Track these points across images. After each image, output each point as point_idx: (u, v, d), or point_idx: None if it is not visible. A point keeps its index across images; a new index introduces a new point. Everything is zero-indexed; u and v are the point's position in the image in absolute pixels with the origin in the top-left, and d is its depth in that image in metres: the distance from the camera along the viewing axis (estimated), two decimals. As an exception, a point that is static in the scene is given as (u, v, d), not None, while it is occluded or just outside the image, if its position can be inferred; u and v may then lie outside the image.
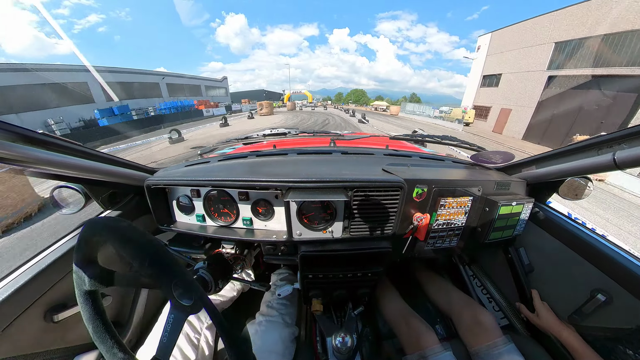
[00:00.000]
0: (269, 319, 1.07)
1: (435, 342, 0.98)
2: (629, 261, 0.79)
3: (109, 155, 0.83)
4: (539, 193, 1.08)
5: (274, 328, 1.03)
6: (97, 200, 0.90)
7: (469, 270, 1.56)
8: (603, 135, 0.74)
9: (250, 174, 0.93)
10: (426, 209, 0.96)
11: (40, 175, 0.67)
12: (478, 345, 0.96)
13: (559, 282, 1.02)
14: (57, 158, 0.64)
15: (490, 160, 1.17)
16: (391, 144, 1.56)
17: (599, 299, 0.84)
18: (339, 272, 0.99)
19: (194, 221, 1.04)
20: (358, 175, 0.86)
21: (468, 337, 1.02)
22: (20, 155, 0.55)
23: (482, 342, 0.95)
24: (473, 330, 1.01)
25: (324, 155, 1.17)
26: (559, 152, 0.92)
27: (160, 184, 0.95)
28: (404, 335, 1.07)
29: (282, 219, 0.95)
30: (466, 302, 1.15)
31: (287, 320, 1.10)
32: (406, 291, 1.37)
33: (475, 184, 0.99)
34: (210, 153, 1.52)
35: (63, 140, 0.67)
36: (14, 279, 0.69)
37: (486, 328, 0.98)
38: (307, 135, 1.75)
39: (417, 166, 1.08)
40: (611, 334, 0.84)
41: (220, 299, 1.25)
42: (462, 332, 1.06)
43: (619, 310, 0.82)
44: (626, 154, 0.66)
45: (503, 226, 1.01)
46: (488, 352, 0.92)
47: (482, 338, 0.96)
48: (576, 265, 0.92)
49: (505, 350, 0.91)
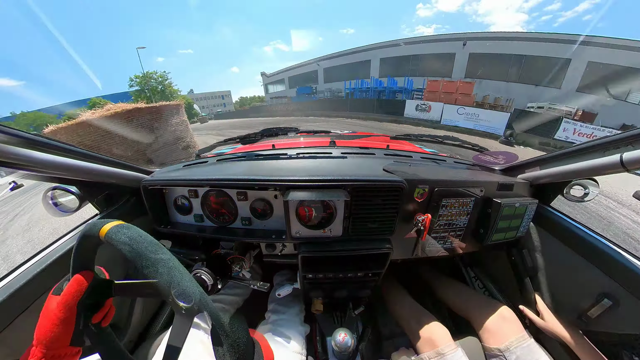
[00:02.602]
0: (282, 317, 1.07)
1: (450, 339, 0.96)
2: (636, 265, 0.77)
3: (104, 156, 0.82)
4: (543, 194, 1.06)
5: (289, 326, 1.02)
6: (92, 201, 0.89)
7: (471, 271, 1.54)
8: (609, 136, 0.73)
9: (248, 173, 0.92)
10: (427, 210, 0.94)
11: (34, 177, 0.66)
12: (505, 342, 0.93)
13: (563, 286, 1.00)
14: (51, 159, 0.63)
15: (492, 161, 1.15)
16: (392, 144, 1.55)
17: (605, 303, 0.82)
18: (339, 273, 0.98)
19: (191, 221, 1.03)
20: (358, 175, 0.85)
21: (491, 337, 0.99)
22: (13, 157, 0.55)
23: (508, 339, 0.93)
24: (499, 330, 0.98)
25: (324, 155, 1.15)
26: (564, 153, 0.90)
27: (157, 185, 0.94)
28: (416, 334, 1.05)
29: (281, 219, 0.94)
30: (488, 303, 1.13)
31: (300, 318, 1.11)
32: (412, 290, 1.36)
33: (477, 184, 0.97)
34: (208, 153, 1.51)
35: (57, 141, 0.67)
36: (14, 278, 0.68)
37: (512, 326, 0.97)
38: (307, 135, 1.73)
39: (418, 166, 1.07)
40: (617, 339, 0.82)
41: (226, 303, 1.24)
42: (485, 332, 1.03)
43: (625, 315, 0.80)
44: (633, 154, 0.64)
45: (506, 227, 1.00)
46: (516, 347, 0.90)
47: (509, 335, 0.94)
48: (581, 269, 0.91)
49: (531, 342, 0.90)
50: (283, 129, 1.51)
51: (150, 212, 0.98)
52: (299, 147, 1.35)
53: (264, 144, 1.61)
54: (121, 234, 0.45)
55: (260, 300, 1.26)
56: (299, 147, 1.35)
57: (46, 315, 0.46)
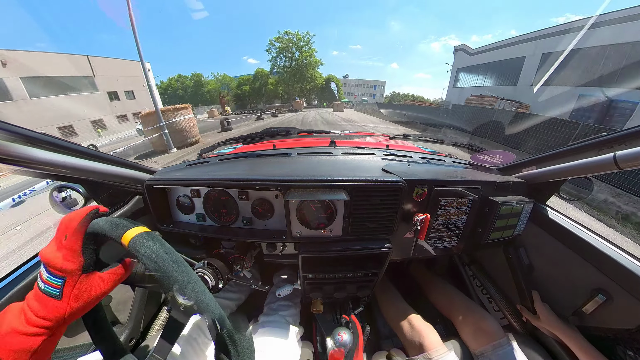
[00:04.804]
0: (271, 320, 1.07)
1: (439, 342, 0.98)
2: (629, 261, 0.79)
3: (108, 155, 0.84)
4: (539, 193, 1.08)
5: (276, 331, 1.02)
6: (97, 200, 0.90)
7: (469, 270, 1.56)
8: (604, 135, 0.74)
9: (250, 173, 0.93)
10: (426, 209, 0.96)
11: (40, 175, 0.67)
12: (480, 347, 0.96)
13: (559, 283, 1.02)
14: (57, 158, 0.64)
15: (490, 161, 1.17)
16: (391, 144, 1.56)
17: (599, 299, 0.84)
18: (339, 273, 0.99)
19: (193, 221, 1.04)
20: (358, 175, 0.86)
21: (470, 341, 1.02)
22: (20, 155, 0.55)
23: (485, 344, 0.96)
24: (477, 335, 1.01)
25: (324, 155, 1.16)
26: (559, 152, 0.92)
27: (160, 184, 0.95)
28: (407, 337, 1.07)
29: (281, 218, 0.95)
30: (468, 306, 1.15)
31: (289, 320, 1.10)
32: (405, 291, 1.38)
33: (475, 184, 0.99)
34: (210, 153, 1.52)
35: (63, 140, 0.68)
36: (14, 278, 0.69)
37: (489, 332, 0.99)
38: (307, 135, 1.75)
39: (417, 166, 1.08)
40: (611, 335, 0.84)
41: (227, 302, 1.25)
42: (464, 335, 1.06)
43: (619, 311, 0.82)
44: (627, 153, 0.66)
45: (503, 226, 1.01)
46: (491, 353, 0.92)
47: (485, 340, 0.97)
48: (576, 266, 0.92)
49: (508, 350, 0.91)
50: (284, 129, 1.52)
51: (153, 211, 0.99)
52: (300, 147, 1.36)
53: (265, 144, 1.62)
54: (146, 247, 0.44)
55: (260, 300, 1.27)
56: (300, 147, 1.36)
57: None
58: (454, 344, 1.02)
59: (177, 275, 0.44)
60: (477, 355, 0.96)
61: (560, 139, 8.02)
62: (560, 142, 7.82)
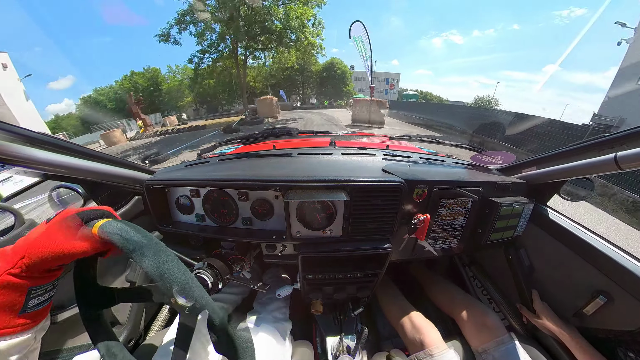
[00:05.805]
0: (257, 316, 1.07)
1: (440, 340, 0.97)
2: (630, 263, 0.78)
3: (108, 156, 0.84)
4: (540, 194, 1.08)
5: (261, 327, 1.01)
6: (96, 200, 0.90)
7: (469, 271, 1.55)
8: (604, 136, 0.74)
9: (250, 174, 0.93)
10: (426, 210, 0.95)
11: (40, 175, 0.67)
12: (483, 344, 0.96)
13: (560, 284, 1.01)
14: (56, 158, 0.64)
15: (490, 161, 1.16)
16: (391, 144, 1.56)
17: (600, 300, 0.83)
18: (339, 273, 0.98)
19: (193, 221, 1.04)
20: (358, 176, 0.86)
21: (473, 338, 1.01)
22: (20, 155, 0.55)
23: (488, 340, 0.95)
24: (479, 331, 1.00)
25: (324, 156, 1.16)
26: (560, 152, 0.92)
27: (159, 184, 0.95)
28: (408, 334, 1.06)
29: (281, 219, 0.95)
30: (470, 303, 1.15)
31: (277, 316, 1.09)
32: (405, 291, 1.37)
33: (475, 184, 0.99)
34: (209, 153, 1.52)
35: (62, 140, 0.68)
36: None
37: (491, 328, 0.98)
38: (307, 136, 1.75)
39: (417, 167, 1.08)
40: (612, 336, 0.84)
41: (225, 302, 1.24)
42: (467, 333, 1.05)
43: (620, 312, 0.81)
44: (628, 154, 0.65)
45: (503, 227, 1.01)
46: (494, 349, 0.92)
47: (488, 337, 0.96)
48: (577, 267, 0.92)
49: (510, 347, 0.91)
50: (283, 129, 1.53)
51: (152, 212, 0.99)
52: (300, 148, 1.36)
53: (265, 144, 1.62)
54: (113, 226, 0.43)
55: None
56: (300, 148, 1.36)
57: None
58: (454, 344, 1.02)
59: (139, 239, 0.42)
60: (480, 353, 0.96)
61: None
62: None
